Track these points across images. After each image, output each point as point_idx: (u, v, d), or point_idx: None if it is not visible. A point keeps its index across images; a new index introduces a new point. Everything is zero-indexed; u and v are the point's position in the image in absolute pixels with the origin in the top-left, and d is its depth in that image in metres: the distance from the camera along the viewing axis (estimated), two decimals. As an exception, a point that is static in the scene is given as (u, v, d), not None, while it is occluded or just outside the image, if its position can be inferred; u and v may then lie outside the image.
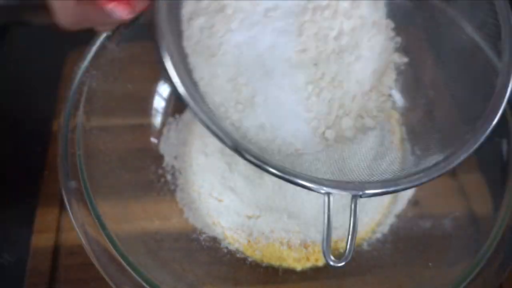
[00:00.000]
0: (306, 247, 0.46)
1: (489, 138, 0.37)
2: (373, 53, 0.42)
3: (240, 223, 0.47)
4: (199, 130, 0.51)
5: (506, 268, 0.37)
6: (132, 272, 0.36)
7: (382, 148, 0.46)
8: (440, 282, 0.39)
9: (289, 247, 0.46)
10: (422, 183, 0.35)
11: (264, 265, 0.46)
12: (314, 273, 0.45)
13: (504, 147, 0.44)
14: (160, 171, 0.51)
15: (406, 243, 0.46)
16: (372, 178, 0.36)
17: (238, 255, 0.46)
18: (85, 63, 0.46)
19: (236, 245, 0.46)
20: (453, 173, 0.50)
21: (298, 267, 0.46)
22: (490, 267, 0.36)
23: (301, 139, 0.38)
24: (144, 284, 0.35)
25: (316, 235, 0.45)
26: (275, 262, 0.46)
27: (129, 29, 0.50)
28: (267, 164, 0.31)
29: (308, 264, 0.46)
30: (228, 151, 0.46)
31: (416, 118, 0.50)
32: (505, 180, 0.42)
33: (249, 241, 0.46)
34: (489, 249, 0.37)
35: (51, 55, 0.68)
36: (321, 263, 0.45)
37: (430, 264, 0.43)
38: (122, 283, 0.35)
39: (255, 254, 0.46)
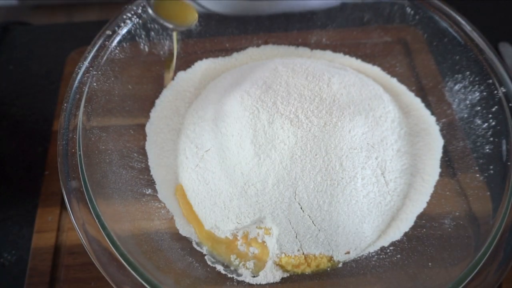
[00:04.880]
0: (304, 253, 0.45)
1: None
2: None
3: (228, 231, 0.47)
4: (188, 133, 0.51)
5: (506, 267, 0.37)
6: (132, 272, 0.36)
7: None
8: (440, 282, 0.39)
9: (287, 254, 0.45)
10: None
11: (264, 265, 0.46)
12: (315, 273, 0.46)
13: (504, 147, 0.44)
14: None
15: (406, 243, 0.46)
16: None
17: (238, 255, 0.46)
18: (86, 63, 0.46)
19: (226, 256, 0.46)
20: (453, 173, 0.50)
21: (299, 272, 0.46)
22: (489, 267, 0.36)
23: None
24: (144, 284, 0.35)
25: (311, 244, 0.45)
26: (274, 270, 0.45)
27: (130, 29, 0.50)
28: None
29: (308, 270, 0.45)
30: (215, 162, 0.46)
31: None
32: (505, 180, 0.42)
33: (240, 252, 0.46)
34: (489, 249, 0.37)
35: (51, 55, 0.68)
36: (322, 267, 0.45)
37: (430, 264, 0.43)
38: (122, 283, 0.35)
39: (246, 266, 0.45)
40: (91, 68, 0.46)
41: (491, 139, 0.47)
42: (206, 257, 0.45)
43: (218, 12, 0.58)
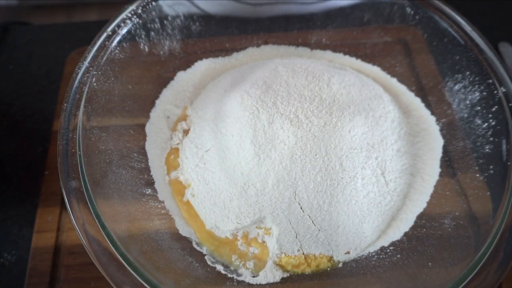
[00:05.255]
0: (304, 253, 0.45)
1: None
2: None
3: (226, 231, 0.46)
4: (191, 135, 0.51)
5: (506, 267, 0.37)
6: (132, 272, 0.36)
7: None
8: (440, 282, 0.39)
9: (287, 254, 0.45)
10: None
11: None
12: (315, 273, 0.46)
13: (504, 147, 0.44)
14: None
15: (406, 243, 0.46)
16: None
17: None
18: (86, 63, 0.46)
19: (225, 257, 0.46)
20: (453, 173, 0.50)
21: (299, 272, 0.46)
22: (489, 267, 0.36)
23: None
24: (144, 284, 0.35)
25: (311, 244, 0.45)
26: (274, 270, 0.45)
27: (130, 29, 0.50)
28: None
29: (308, 270, 0.45)
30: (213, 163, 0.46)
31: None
32: (505, 180, 0.42)
33: (241, 251, 0.46)
34: (489, 249, 0.37)
35: (51, 55, 0.68)
36: (322, 267, 0.45)
37: (430, 264, 0.43)
38: (122, 283, 0.35)
39: (246, 266, 0.45)
40: (91, 68, 0.46)
41: (491, 139, 0.47)
42: (206, 257, 0.45)
43: (216, 14, 0.58)
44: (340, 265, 0.46)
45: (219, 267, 0.44)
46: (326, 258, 0.45)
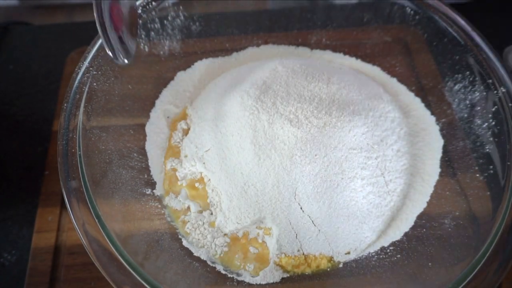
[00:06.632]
0: (304, 254, 0.45)
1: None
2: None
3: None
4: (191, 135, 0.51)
5: (506, 267, 0.37)
6: (132, 272, 0.36)
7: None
8: (440, 281, 0.39)
9: (287, 254, 0.45)
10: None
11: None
12: (315, 273, 0.45)
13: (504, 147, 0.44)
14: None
15: (406, 243, 0.46)
16: None
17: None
18: (86, 63, 0.46)
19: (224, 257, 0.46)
20: (453, 173, 0.50)
21: (299, 272, 0.45)
22: (489, 267, 0.36)
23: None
24: (144, 284, 0.35)
25: (311, 245, 0.45)
26: (274, 270, 0.45)
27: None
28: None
29: (309, 270, 0.45)
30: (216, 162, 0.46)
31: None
32: (505, 180, 0.42)
33: (244, 247, 0.46)
34: (489, 249, 0.37)
35: (51, 55, 0.68)
36: (322, 268, 0.45)
37: (430, 264, 0.43)
38: (122, 283, 0.35)
39: (246, 268, 0.45)
40: (91, 68, 0.46)
41: (491, 139, 0.47)
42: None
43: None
44: (341, 265, 0.46)
45: (219, 267, 0.44)
46: (326, 258, 0.45)
